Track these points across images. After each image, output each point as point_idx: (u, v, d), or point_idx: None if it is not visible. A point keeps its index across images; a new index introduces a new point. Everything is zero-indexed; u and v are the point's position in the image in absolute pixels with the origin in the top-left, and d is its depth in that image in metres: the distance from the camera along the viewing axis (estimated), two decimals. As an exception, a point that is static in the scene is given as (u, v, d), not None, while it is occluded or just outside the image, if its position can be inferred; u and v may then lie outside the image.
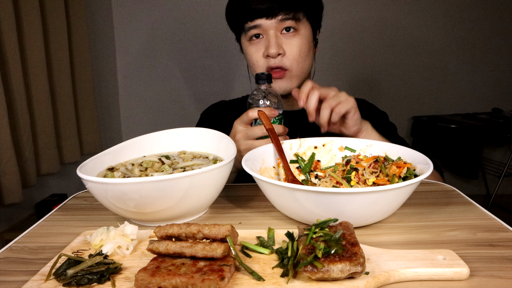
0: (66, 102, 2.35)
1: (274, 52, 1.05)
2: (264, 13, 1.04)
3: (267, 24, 1.05)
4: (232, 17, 1.12)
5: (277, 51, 1.05)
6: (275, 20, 1.05)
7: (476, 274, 0.52)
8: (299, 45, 1.07)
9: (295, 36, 1.08)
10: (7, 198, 1.88)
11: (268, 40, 1.06)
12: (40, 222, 0.76)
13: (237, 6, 1.08)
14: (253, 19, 1.06)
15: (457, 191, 0.84)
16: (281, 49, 1.06)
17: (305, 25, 1.09)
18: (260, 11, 1.04)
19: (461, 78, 3.30)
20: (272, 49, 1.05)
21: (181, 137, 0.92)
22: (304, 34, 1.09)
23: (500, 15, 3.19)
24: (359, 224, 0.67)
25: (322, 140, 0.88)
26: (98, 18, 2.92)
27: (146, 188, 0.63)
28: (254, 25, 1.06)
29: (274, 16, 1.04)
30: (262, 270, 0.53)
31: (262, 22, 1.05)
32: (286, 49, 1.07)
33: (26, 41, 2.03)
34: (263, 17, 1.05)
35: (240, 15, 1.08)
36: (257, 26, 1.06)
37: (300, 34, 1.08)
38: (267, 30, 1.06)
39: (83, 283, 0.51)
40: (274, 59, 1.07)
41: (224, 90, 3.14)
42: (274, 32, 1.06)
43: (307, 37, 1.10)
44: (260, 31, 1.07)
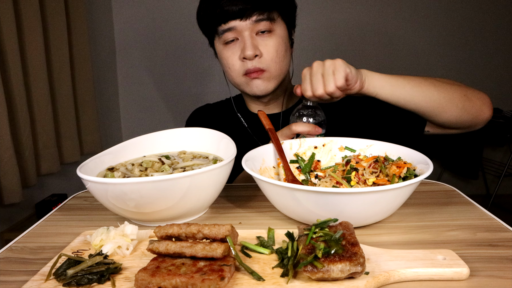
0: (66, 102, 2.35)
1: (251, 54, 1.02)
2: (237, 15, 1.01)
3: (241, 25, 1.02)
4: (204, 20, 1.08)
5: (254, 53, 1.02)
6: (249, 21, 1.01)
7: (476, 274, 0.52)
8: (275, 45, 1.05)
9: (271, 37, 1.04)
10: (7, 198, 1.88)
11: (244, 42, 1.03)
12: (40, 222, 0.76)
13: (209, 9, 1.04)
14: (227, 21, 1.02)
15: (457, 191, 0.84)
16: (258, 50, 1.03)
17: (280, 25, 1.06)
18: (233, 13, 1.00)
19: (460, 78, 3.30)
20: (248, 51, 1.02)
21: (181, 137, 0.92)
22: (280, 34, 1.06)
23: (500, 15, 3.19)
24: (359, 224, 0.67)
25: (322, 140, 0.88)
26: (98, 18, 2.92)
27: (146, 188, 0.63)
28: (228, 27, 1.03)
29: (248, 17, 1.01)
30: (262, 270, 0.53)
31: (236, 24, 1.02)
32: (263, 50, 1.04)
33: (26, 41, 2.03)
34: (236, 19, 1.01)
35: (212, 17, 1.04)
36: (231, 28, 1.03)
37: (276, 34, 1.05)
38: (242, 32, 1.03)
39: (83, 283, 0.51)
40: (251, 61, 1.04)
41: (224, 90, 3.14)
42: (249, 33, 1.03)
43: (283, 37, 1.07)
44: (234, 34, 1.04)
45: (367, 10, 3.15)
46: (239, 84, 1.11)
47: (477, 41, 3.24)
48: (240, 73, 1.07)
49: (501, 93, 3.31)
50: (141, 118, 3.28)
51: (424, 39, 3.21)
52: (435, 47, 3.23)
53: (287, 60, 1.10)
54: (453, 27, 3.21)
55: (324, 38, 3.17)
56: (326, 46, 3.18)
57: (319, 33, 3.15)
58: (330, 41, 3.19)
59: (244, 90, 1.12)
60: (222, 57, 1.09)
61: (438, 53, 3.25)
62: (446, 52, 3.25)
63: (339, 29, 3.17)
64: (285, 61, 1.09)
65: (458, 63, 3.27)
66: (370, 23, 3.17)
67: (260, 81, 1.07)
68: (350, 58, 3.18)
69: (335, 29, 3.17)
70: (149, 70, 3.22)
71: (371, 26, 3.18)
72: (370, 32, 3.18)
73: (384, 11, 3.17)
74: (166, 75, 3.23)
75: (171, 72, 3.22)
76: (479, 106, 1.00)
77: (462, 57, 3.26)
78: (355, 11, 3.15)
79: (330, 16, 3.14)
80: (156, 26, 3.13)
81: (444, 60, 3.26)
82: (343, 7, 3.15)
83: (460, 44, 3.24)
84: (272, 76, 1.07)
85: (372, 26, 3.18)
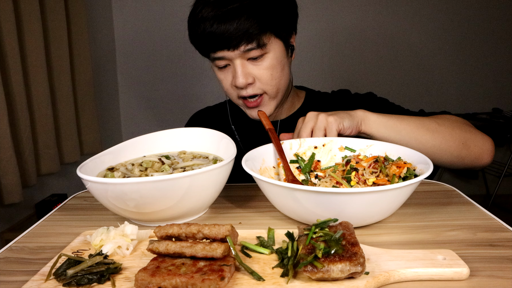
0: (66, 102, 2.35)
1: (242, 83, 0.97)
2: (225, 45, 0.94)
3: (230, 55, 0.96)
4: (194, 44, 1.03)
5: (246, 82, 0.98)
6: (237, 51, 0.95)
7: (476, 274, 0.52)
8: (269, 68, 0.99)
9: (264, 60, 0.98)
10: (7, 198, 1.88)
11: (234, 70, 0.98)
12: (40, 222, 0.76)
13: (196, 36, 0.99)
14: (215, 51, 0.97)
15: (457, 191, 0.84)
16: (250, 77, 0.98)
17: (274, 44, 0.99)
18: (221, 44, 0.94)
19: (461, 78, 3.30)
20: (239, 80, 0.97)
21: (181, 137, 0.92)
22: (274, 55, 0.99)
23: (500, 15, 3.19)
24: (359, 224, 0.67)
25: (322, 140, 0.88)
26: (98, 18, 2.92)
27: (146, 188, 0.63)
28: (218, 56, 0.98)
29: (235, 48, 0.94)
30: (262, 270, 0.53)
31: (225, 54, 0.96)
32: (256, 74, 0.99)
33: (26, 41, 2.03)
34: (224, 49, 0.95)
35: (201, 45, 1.00)
36: (222, 57, 0.98)
37: (269, 57, 0.98)
38: (232, 60, 0.98)
39: (83, 283, 0.51)
40: (244, 89, 1.00)
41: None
42: (240, 61, 0.97)
43: (278, 56, 1.00)
44: (226, 61, 0.99)
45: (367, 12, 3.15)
46: (238, 105, 1.08)
47: (477, 41, 3.24)
48: (235, 96, 1.04)
49: (501, 93, 3.31)
50: (141, 118, 3.28)
51: (424, 39, 3.21)
52: (435, 48, 3.23)
53: (285, 77, 1.04)
54: (453, 28, 3.21)
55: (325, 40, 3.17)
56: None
57: (319, 35, 3.15)
58: (331, 43, 3.19)
59: (244, 111, 1.09)
60: (217, 78, 1.06)
61: (439, 53, 3.25)
62: (446, 52, 3.25)
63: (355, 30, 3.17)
64: (283, 79, 1.04)
65: (458, 63, 3.27)
66: (370, 25, 3.17)
67: (261, 108, 1.04)
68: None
69: (336, 31, 3.17)
70: (149, 70, 3.21)
71: (371, 28, 3.18)
72: (371, 33, 3.18)
73: (383, 13, 3.17)
74: (166, 75, 3.22)
75: (171, 72, 3.22)
76: (477, 154, 0.96)
77: (462, 57, 3.26)
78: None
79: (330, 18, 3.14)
80: (156, 26, 3.12)
81: (444, 60, 3.26)
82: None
83: (460, 44, 3.24)
84: (270, 97, 1.04)
85: (372, 27, 3.18)
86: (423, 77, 3.28)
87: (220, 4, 0.93)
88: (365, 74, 3.27)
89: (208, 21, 0.93)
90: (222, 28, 0.92)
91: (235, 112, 1.21)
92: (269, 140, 0.86)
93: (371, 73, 3.27)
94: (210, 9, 0.93)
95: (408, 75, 3.28)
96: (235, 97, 1.05)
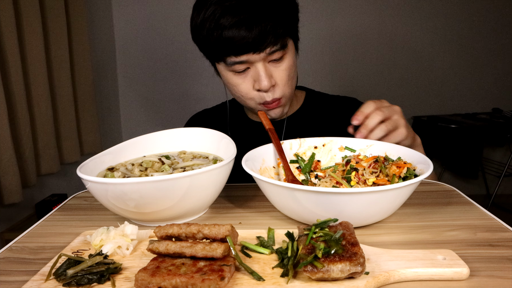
0: (66, 102, 2.35)
1: (268, 85, 0.96)
2: (251, 49, 0.91)
3: (254, 58, 0.94)
4: (208, 49, 0.98)
5: (270, 84, 0.96)
6: (263, 53, 0.93)
7: (476, 274, 0.52)
8: (287, 70, 0.99)
9: (284, 62, 0.99)
10: (7, 198, 1.88)
11: (257, 73, 0.96)
12: (40, 222, 0.76)
13: (215, 38, 0.93)
14: (238, 55, 0.93)
15: (457, 191, 0.84)
16: (272, 79, 0.98)
17: (291, 47, 1.00)
18: (246, 47, 0.91)
19: (461, 78, 3.30)
20: (264, 83, 0.95)
21: (181, 137, 0.91)
22: (290, 56, 1.00)
23: (500, 15, 3.19)
24: (359, 224, 0.67)
25: (322, 140, 0.88)
26: (98, 18, 2.92)
27: (146, 188, 0.63)
28: (239, 60, 0.94)
29: (261, 50, 0.92)
30: (262, 270, 0.53)
31: (249, 58, 0.93)
32: (276, 77, 0.99)
33: (26, 41, 2.03)
34: (250, 52, 0.92)
35: (219, 48, 0.94)
36: (243, 61, 0.95)
37: (288, 57, 0.99)
38: (254, 63, 0.95)
39: (83, 283, 0.51)
40: (267, 93, 0.99)
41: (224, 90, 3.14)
42: (262, 63, 0.95)
43: (293, 57, 1.01)
44: (246, 65, 0.96)
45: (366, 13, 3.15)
46: (253, 109, 1.06)
47: (477, 42, 3.24)
48: (255, 101, 1.02)
49: (501, 93, 3.31)
50: (141, 118, 3.29)
51: (424, 40, 3.21)
52: (435, 48, 3.24)
53: (296, 76, 1.05)
54: (453, 28, 3.21)
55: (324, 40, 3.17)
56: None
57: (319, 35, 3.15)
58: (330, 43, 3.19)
59: None
60: (230, 83, 1.02)
61: (439, 53, 3.25)
62: (446, 52, 3.25)
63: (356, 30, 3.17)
64: (295, 78, 1.05)
65: (458, 63, 3.27)
66: (369, 26, 3.17)
67: (278, 109, 1.04)
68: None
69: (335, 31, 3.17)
70: (149, 70, 3.21)
71: (371, 28, 3.17)
72: (370, 34, 3.18)
73: (382, 13, 3.16)
74: (166, 75, 3.23)
75: (171, 72, 3.22)
76: None
77: (462, 57, 3.26)
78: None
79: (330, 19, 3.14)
80: (156, 26, 3.12)
81: (444, 60, 3.26)
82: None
83: (460, 44, 3.24)
84: (287, 100, 1.05)
85: (371, 28, 3.18)
86: (423, 77, 3.28)
87: (240, 8, 0.90)
88: (364, 74, 3.27)
89: (231, 27, 0.90)
90: (248, 32, 0.90)
91: (233, 114, 1.21)
92: (267, 141, 0.86)
93: (371, 73, 3.27)
94: (231, 15, 0.90)
95: (408, 75, 3.28)
96: (255, 102, 1.02)
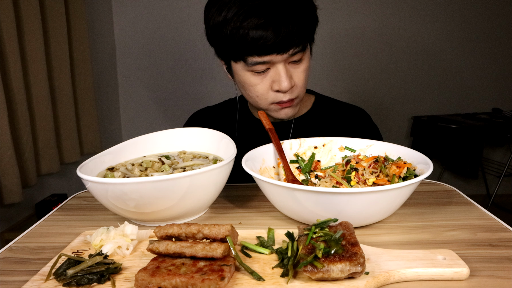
0: (66, 102, 2.35)
1: (288, 87, 0.96)
2: (275, 50, 0.92)
3: (277, 58, 0.94)
4: (228, 48, 0.96)
5: (290, 85, 0.97)
6: (286, 54, 0.93)
7: (476, 274, 0.52)
8: (305, 70, 1.01)
9: (302, 63, 0.99)
10: (7, 198, 1.88)
11: (278, 74, 0.96)
12: (40, 222, 0.76)
13: (239, 39, 0.92)
14: (262, 55, 0.93)
15: (457, 191, 0.84)
16: (292, 80, 0.98)
17: (308, 48, 1.01)
18: (271, 48, 0.91)
19: (461, 78, 3.30)
20: (284, 84, 0.95)
21: (181, 137, 0.92)
22: (307, 58, 1.01)
23: (500, 15, 3.19)
24: (359, 224, 0.67)
25: (322, 140, 0.88)
26: (98, 18, 2.92)
27: (146, 188, 0.63)
28: (262, 61, 0.94)
29: (285, 51, 0.93)
30: (262, 270, 0.53)
31: (272, 58, 0.93)
32: (295, 77, 0.99)
33: (26, 41, 2.03)
34: (273, 53, 0.92)
35: (243, 49, 0.93)
36: (265, 62, 0.94)
37: (305, 59, 1.00)
38: (275, 63, 0.96)
39: (83, 283, 0.51)
40: (285, 93, 0.99)
41: (224, 90, 3.14)
42: (284, 64, 0.96)
43: (309, 59, 1.03)
44: (267, 65, 0.96)
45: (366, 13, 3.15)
46: (265, 109, 1.05)
47: (477, 41, 3.24)
48: (270, 101, 1.02)
49: (501, 93, 3.31)
50: (141, 118, 3.28)
51: (424, 40, 3.21)
52: (435, 48, 3.23)
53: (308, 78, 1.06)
54: (453, 28, 3.21)
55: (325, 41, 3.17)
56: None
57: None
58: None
59: (269, 114, 1.07)
60: (247, 83, 1.01)
61: (438, 53, 3.25)
62: (446, 52, 3.25)
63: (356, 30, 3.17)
64: (307, 80, 1.05)
65: (458, 63, 3.27)
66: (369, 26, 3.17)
67: (290, 109, 1.04)
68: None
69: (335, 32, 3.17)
70: (149, 70, 3.21)
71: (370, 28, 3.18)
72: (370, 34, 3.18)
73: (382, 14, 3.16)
74: (166, 75, 3.22)
75: (171, 72, 3.22)
76: None
77: (462, 57, 3.26)
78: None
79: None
80: (156, 26, 3.12)
81: (443, 60, 3.26)
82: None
83: (460, 44, 3.24)
84: (299, 101, 1.05)
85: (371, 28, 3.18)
86: (423, 77, 3.28)
87: (266, 9, 0.90)
88: (364, 75, 3.26)
89: (258, 27, 0.90)
90: (275, 33, 0.90)
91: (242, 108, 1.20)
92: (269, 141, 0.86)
93: (370, 73, 3.27)
94: (258, 15, 0.90)
95: (408, 75, 3.28)
96: (268, 102, 1.02)
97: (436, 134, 3.06)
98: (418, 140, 3.20)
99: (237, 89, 1.11)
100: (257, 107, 1.07)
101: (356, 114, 1.18)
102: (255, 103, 1.05)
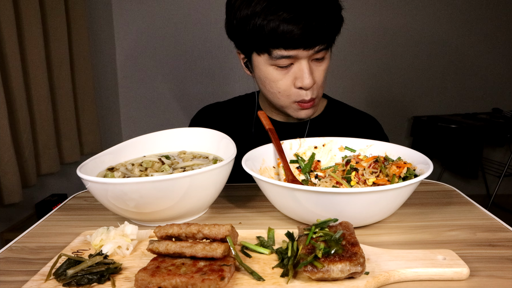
0: (66, 102, 2.35)
1: (310, 84, 0.95)
2: (303, 44, 0.91)
3: (303, 54, 0.93)
4: (255, 39, 0.95)
5: (312, 82, 0.96)
6: (312, 50, 0.93)
7: (476, 274, 0.52)
8: (325, 70, 1.00)
9: (324, 61, 0.99)
10: (7, 198, 1.88)
11: (302, 70, 0.95)
12: (40, 222, 0.76)
13: (269, 31, 0.91)
14: (289, 48, 0.92)
15: (457, 191, 0.84)
16: (313, 78, 0.97)
17: (330, 48, 1.01)
18: (299, 42, 0.91)
19: (461, 78, 3.30)
20: (307, 81, 0.95)
21: (181, 137, 0.92)
22: (329, 57, 1.01)
23: (500, 15, 3.19)
24: (359, 224, 0.67)
25: (322, 140, 0.88)
26: (98, 18, 2.92)
27: (146, 188, 0.63)
28: (288, 55, 0.93)
29: (312, 47, 0.92)
30: (262, 270, 0.53)
31: (298, 53, 0.93)
32: (316, 75, 0.98)
33: (26, 41, 2.03)
34: (300, 48, 0.92)
35: (269, 39, 0.92)
36: (290, 56, 0.94)
37: (327, 58, 1.00)
38: (299, 59, 0.95)
39: (83, 283, 0.51)
40: (307, 91, 0.98)
41: (224, 90, 3.14)
42: (307, 61, 0.95)
43: (329, 59, 1.02)
44: (291, 60, 0.95)
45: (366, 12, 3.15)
46: (284, 106, 1.04)
47: (477, 41, 3.24)
48: (291, 99, 1.01)
49: (501, 93, 3.31)
50: (141, 118, 3.28)
51: (423, 39, 3.21)
52: (434, 48, 3.23)
53: None
54: (453, 28, 3.21)
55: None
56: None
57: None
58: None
59: (287, 112, 1.06)
60: (268, 78, 1.00)
61: (438, 53, 3.24)
62: (446, 52, 3.25)
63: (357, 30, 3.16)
64: None
65: (458, 63, 3.27)
66: (369, 25, 3.17)
67: (310, 110, 1.04)
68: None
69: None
70: (149, 70, 3.22)
71: (370, 28, 3.18)
72: (369, 33, 3.18)
73: (382, 13, 3.17)
74: (166, 75, 3.23)
75: (171, 72, 3.22)
76: None
77: (462, 57, 3.26)
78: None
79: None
80: (156, 26, 3.12)
81: (443, 60, 3.26)
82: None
83: (460, 44, 3.24)
84: (318, 101, 1.05)
85: (371, 28, 3.18)
86: (423, 77, 3.28)
87: (297, 4, 0.91)
88: (364, 75, 3.27)
89: (289, 21, 0.90)
90: (305, 28, 0.90)
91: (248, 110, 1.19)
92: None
93: (370, 74, 3.27)
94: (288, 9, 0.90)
95: (408, 75, 3.28)
96: (291, 99, 1.01)
97: (436, 134, 3.06)
98: (418, 140, 3.20)
99: (255, 84, 1.10)
100: (277, 104, 1.06)
101: (368, 123, 1.17)
102: (276, 99, 1.04)
